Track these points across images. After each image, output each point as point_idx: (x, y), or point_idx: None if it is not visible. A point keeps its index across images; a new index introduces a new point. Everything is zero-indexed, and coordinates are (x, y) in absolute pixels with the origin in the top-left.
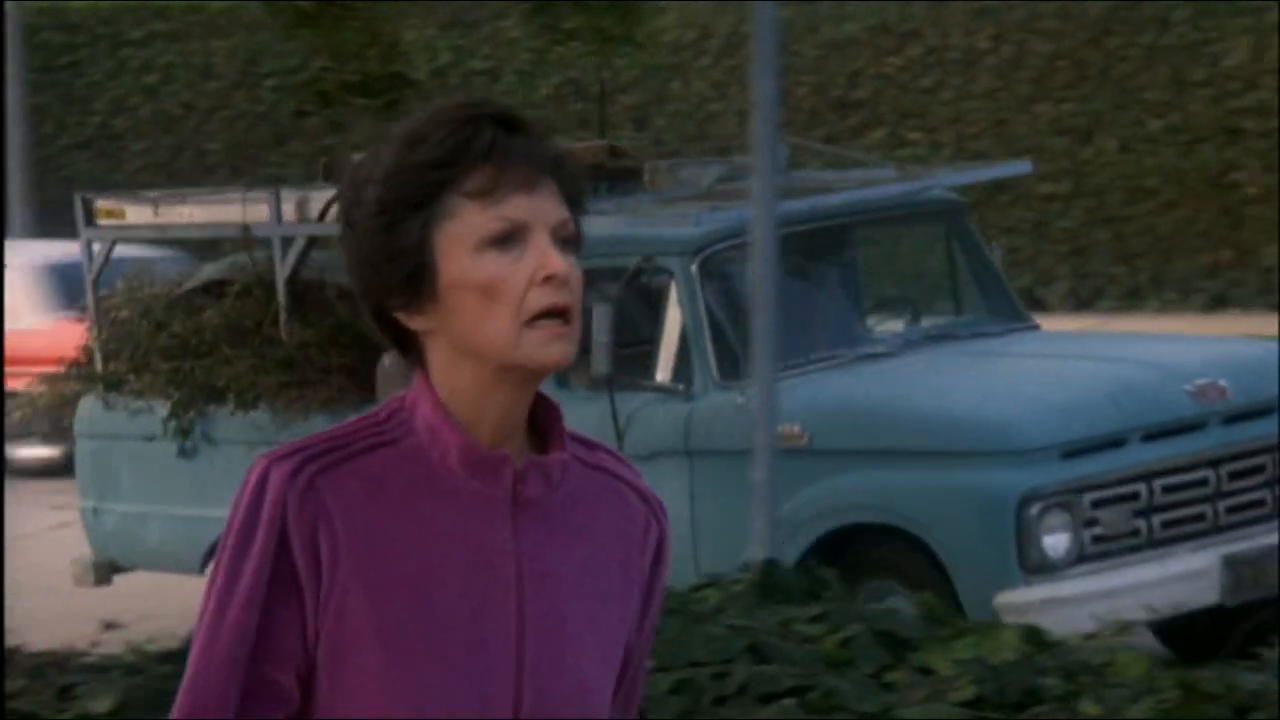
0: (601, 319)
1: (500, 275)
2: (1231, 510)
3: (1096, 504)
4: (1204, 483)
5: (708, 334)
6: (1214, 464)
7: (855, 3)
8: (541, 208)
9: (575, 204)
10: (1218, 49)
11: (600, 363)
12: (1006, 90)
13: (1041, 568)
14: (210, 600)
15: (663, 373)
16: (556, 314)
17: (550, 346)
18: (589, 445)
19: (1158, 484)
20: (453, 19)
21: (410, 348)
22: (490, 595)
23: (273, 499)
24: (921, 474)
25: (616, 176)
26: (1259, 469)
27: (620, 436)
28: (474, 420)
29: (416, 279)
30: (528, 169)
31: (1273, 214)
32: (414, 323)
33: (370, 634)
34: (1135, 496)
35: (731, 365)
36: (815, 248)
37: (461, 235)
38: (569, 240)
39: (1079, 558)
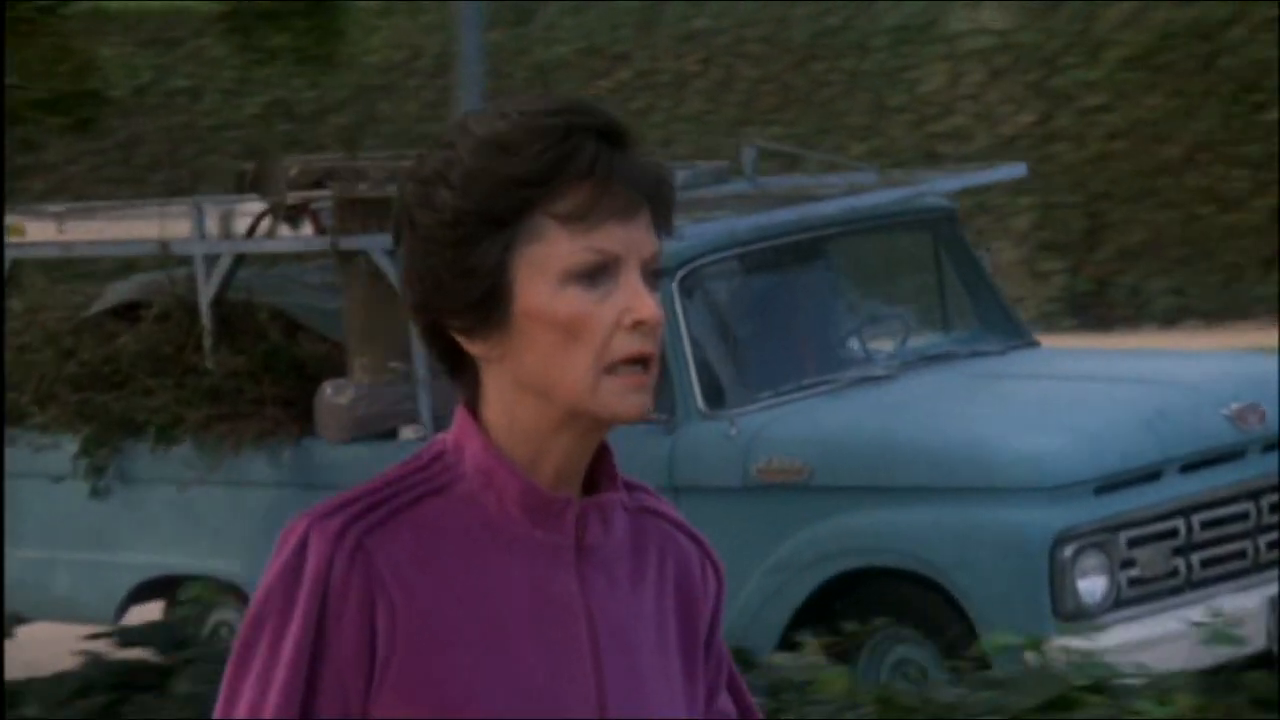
0: None
1: (584, 314)
2: (1273, 546)
3: (1133, 543)
4: (1245, 516)
5: (690, 359)
6: (1255, 496)
7: (565, 25)
8: (636, 239)
9: (665, 231)
10: (915, 75)
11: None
12: (715, 113)
13: (1077, 614)
14: (239, 691)
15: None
16: (638, 361)
17: (629, 398)
18: (629, 485)
19: (1196, 519)
20: (153, 36)
21: (461, 371)
22: (566, 655)
23: (315, 566)
24: (941, 512)
25: None
26: None
27: None
28: (533, 461)
29: (488, 302)
30: (627, 194)
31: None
32: (474, 347)
33: (438, 710)
34: (1174, 534)
35: (717, 393)
36: (801, 260)
37: (545, 263)
38: (655, 274)
39: (1116, 602)
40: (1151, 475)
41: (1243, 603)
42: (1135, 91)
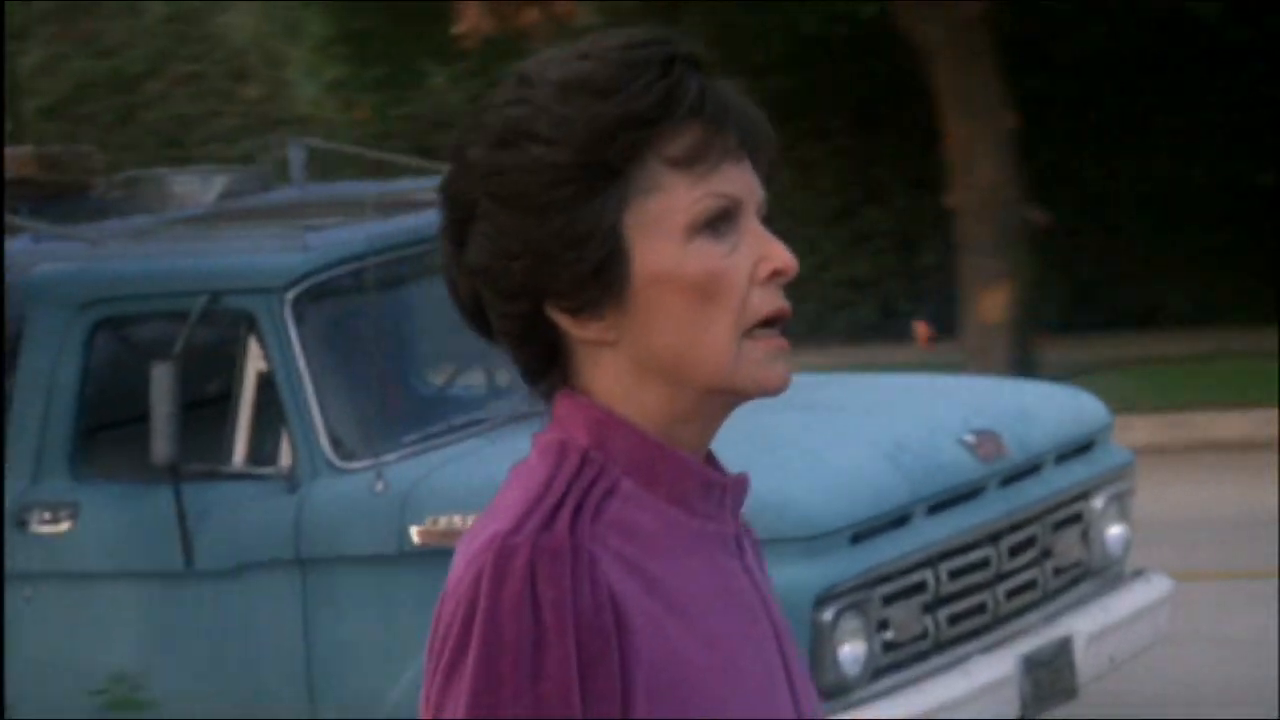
0: (161, 385)
1: (719, 269)
2: (1012, 594)
3: (888, 600)
4: (986, 564)
5: (312, 397)
6: (994, 538)
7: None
8: (750, 181)
9: (768, 178)
10: None
11: (162, 444)
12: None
13: (837, 689)
14: None
15: (248, 454)
16: (773, 322)
17: (775, 366)
18: None
19: (944, 569)
20: None
21: (550, 367)
22: (768, 658)
23: (552, 596)
24: None
25: (55, 194)
26: (1030, 541)
27: (189, 548)
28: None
29: (606, 271)
30: (742, 124)
31: None
32: (587, 330)
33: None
34: (923, 587)
35: (349, 439)
36: (420, 277)
37: (666, 216)
38: (766, 217)
39: (874, 672)
40: (901, 519)
41: (998, 667)
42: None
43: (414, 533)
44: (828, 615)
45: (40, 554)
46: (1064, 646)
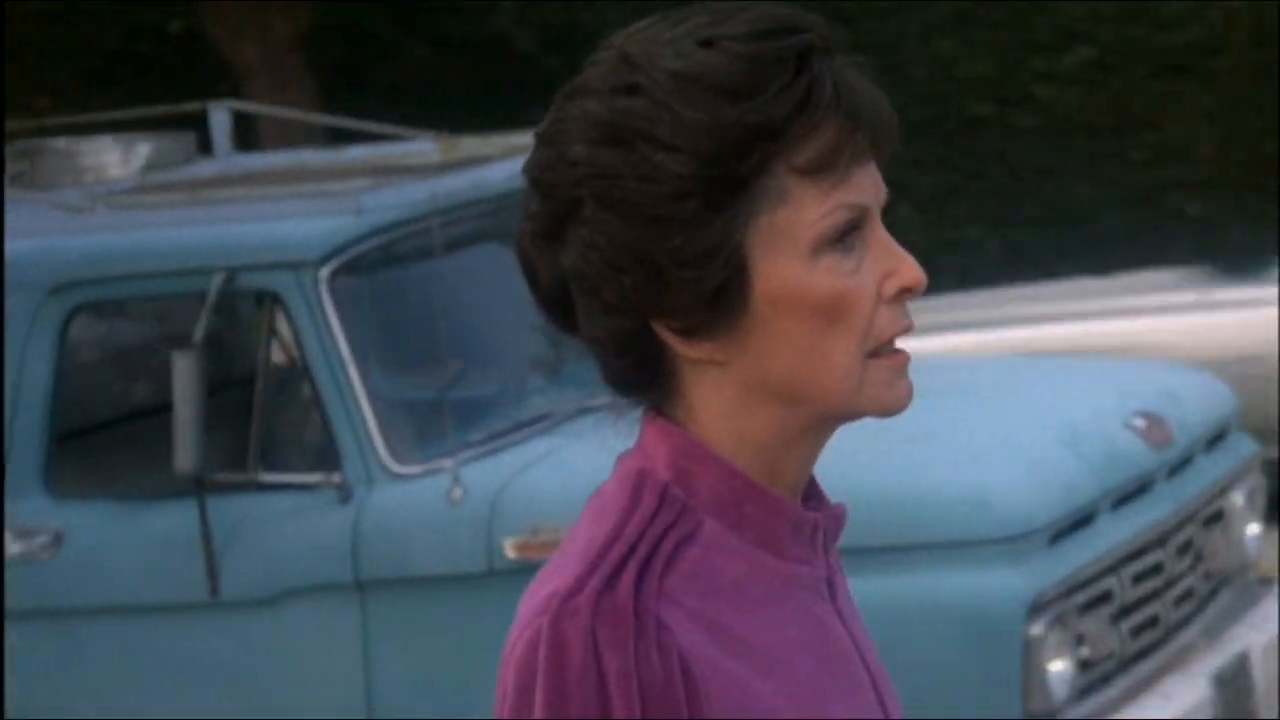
0: (184, 380)
1: (847, 289)
2: (1178, 603)
3: (1082, 611)
4: (1159, 569)
5: (361, 392)
6: (1163, 539)
7: None
8: (877, 185)
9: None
10: None
11: (187, 450)
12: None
13: (1045, 715)
14: None
15: (284, 460)
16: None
17: (898, 385)
18: None
19: (1126, 574)
20: None
21: (647, 382)
22: (864, 707)
23: (617, 665)
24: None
25: None
26: (1189, 543)
27: (214, 575)
28: (768, 483)
29: (726, 292)
30: (874, 123)
31: None
32: (696, 350)
33: None
34: (1109, 596)
35: (409, 439)
36: (475, 246)
37: (793, 231)
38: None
39: (1079, 694)
40: (1088, 516)
41: (1189, 690)
42: None
43: (509, 546)
44: (1038, 629)
45: (16, 589)
46: (1244, 663)
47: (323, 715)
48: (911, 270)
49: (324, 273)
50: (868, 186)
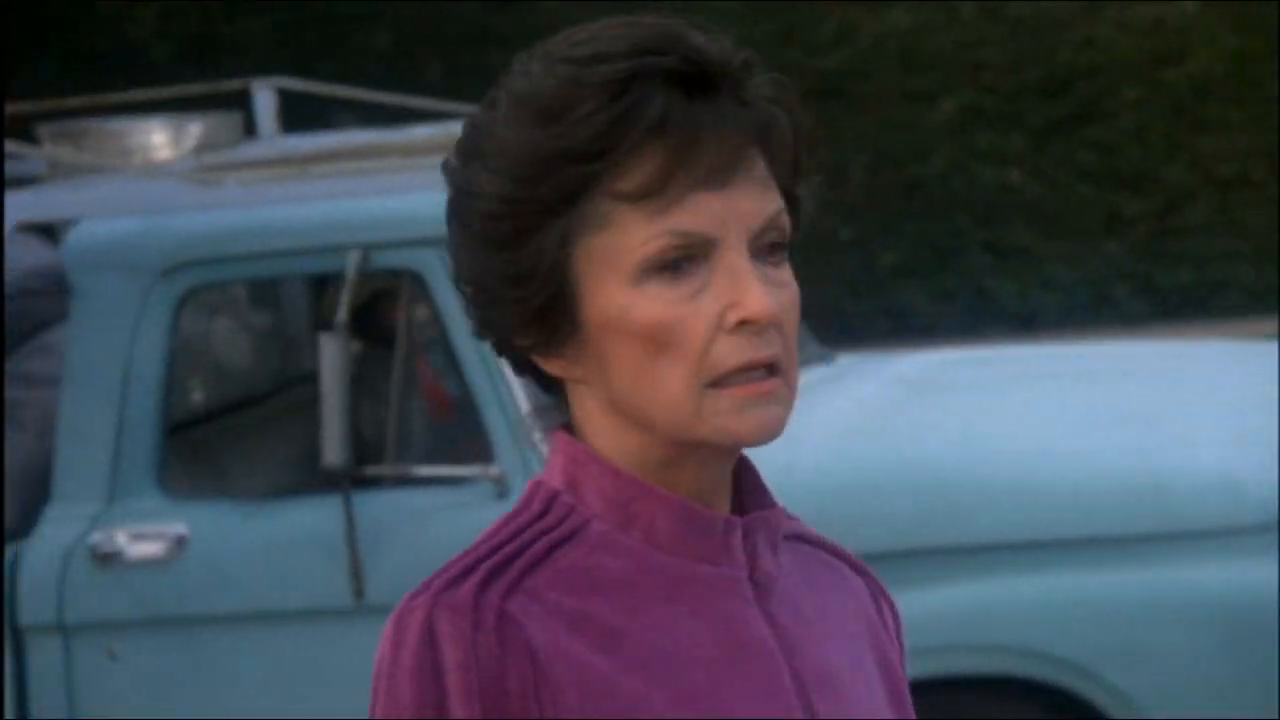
0: (332, 365)
1: (671, 318)
2: None
3: None
4: None
5: (514, 378)
6: None
7: None
8: (738, 208)
9: (794, 179)
10: None
11: (336, 443)
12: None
13: None
14: None
15: (435, 452)
16: (758, 368)
17: (748, 414)
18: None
19: None
20: None
21: (556, 398)
22: (780, 710)
23: (457, 656)
24: (1083, 580)
25: None
26: None
27: (359, 578)
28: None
29: (551, 313)
30: (717, 151)
31: None
32: (551, 367)
33: None
34: None
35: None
36: None
37: (615, 257)
38: (781, 243)
39: None
40: None
41: None
42: None
43: None
44: None
45: (130, 595)
46: None
47: None
48: (754, 302)
49: None
50: (713, 213)
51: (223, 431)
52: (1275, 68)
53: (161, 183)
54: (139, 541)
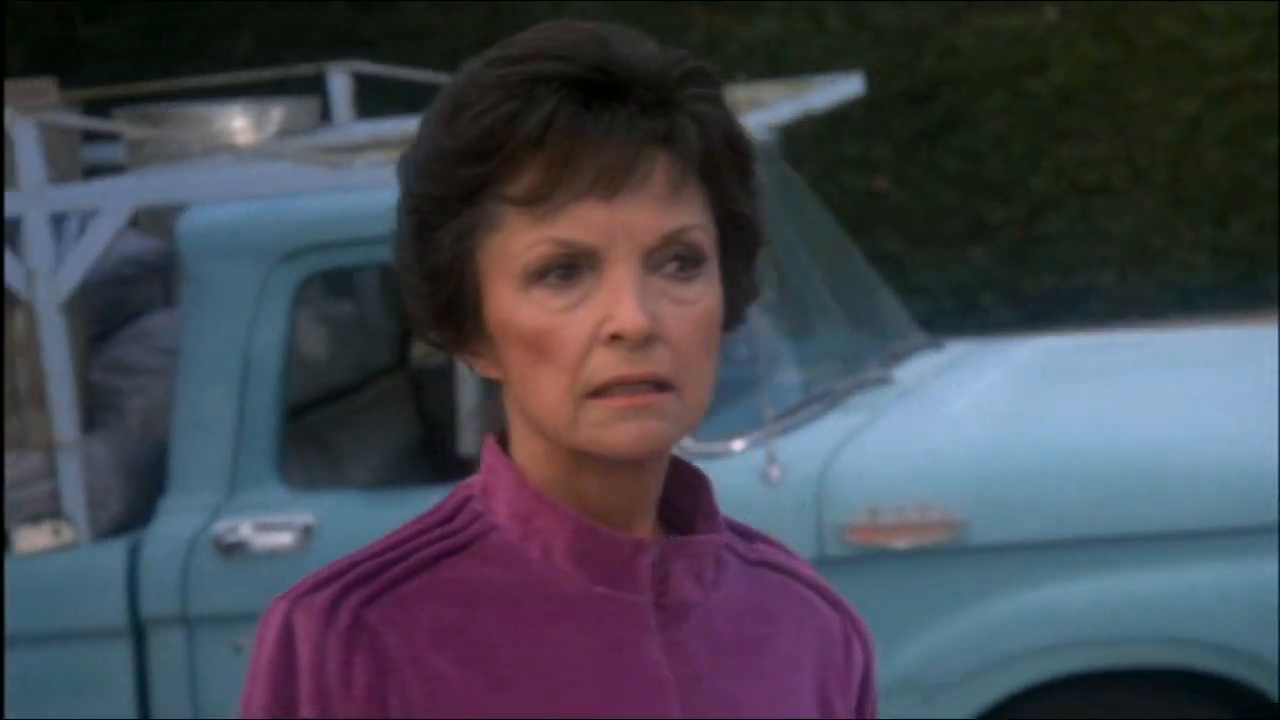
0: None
1: (550, 325)
2: None
3: None
4: None
5: None
6: None
7: None
8: (628, 220)
9: (735, 195)
10: None
11: (473, 431)
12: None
13: None
14: None
15: None
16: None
17: (620, 426)
18: (743, 533)
19: None
20: None
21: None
22: None
23: (308, 658)
24: (1264, 568)
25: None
26: None
27: None
28: (572, 504)
29: (456, 311)
30: (603, 160)
31: None
32: (477, 365)
33: None
34: None
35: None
36: None
37: (505, 260)
38: (690, 259)
39: None
40: None
41: None
42: None
43: (847, 531)
44: None
45: (257, 587)
46: None
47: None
48: (624, 317)
49: None
50: (598, 224)
51: (332, 420)
52: (1135, 76)
53: (275, 165)
54: (265, 532)
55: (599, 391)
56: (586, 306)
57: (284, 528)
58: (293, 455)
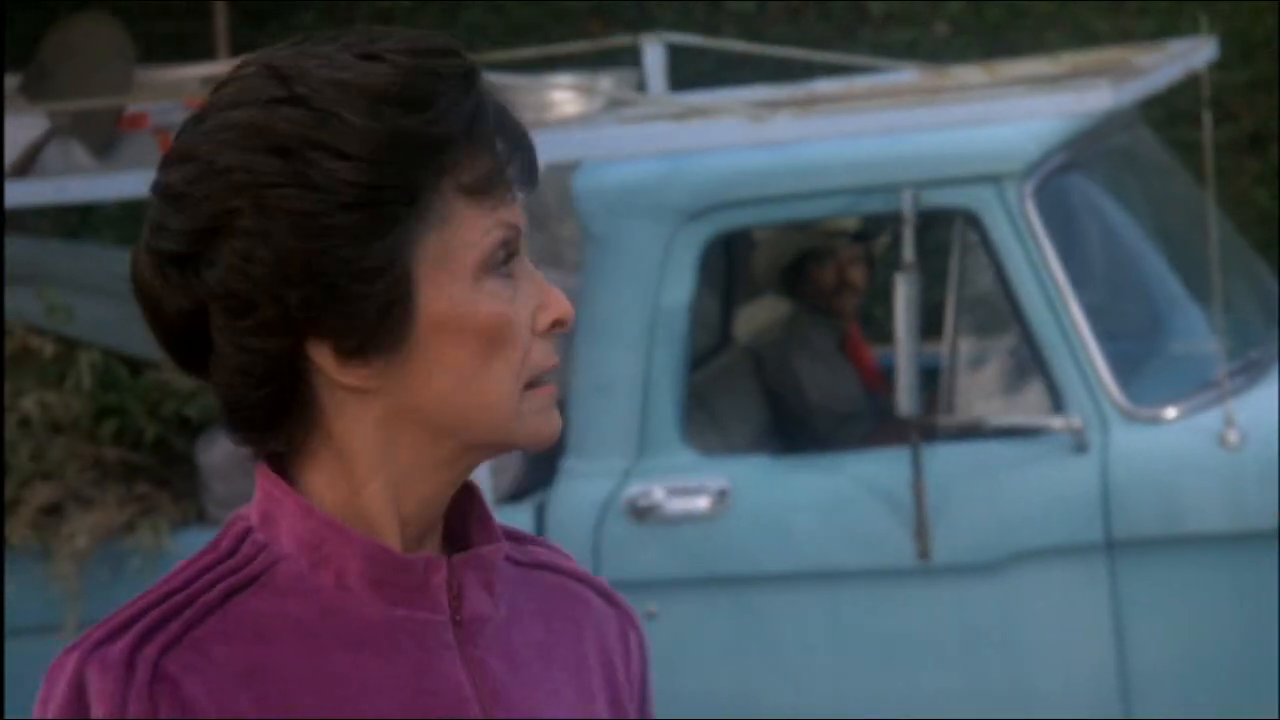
0: (907, 307)
1: (507, 316)
2: None
3: None
4: None
5: (1084, 324)
6: None
7: None
8: (521, 215)
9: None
10: None
11: (910, 391)
12: None
13: None
14: None
15: (1007, 402)
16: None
17: (551, 415)
18: (514, 535)
19: None
20: None
21: (284, 415)
22: None
23: (105, 712)
24: None
25: None
26: None
27: (925, 537)
28: (380, 520)
29: (391, 311)
30: (526, 152)
31: None
32: (349, 376)
33: None
34: None
35: (1145, 373)
36: (1126, 170)
37: (457, 251)
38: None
39: None
40: None
41: None
42: None
43: None
44: None
45: (671, 551)
46: None
47: (1065, 695)
48: (562, 303)
49: (1027, 188)
50: (518, 214)
51: (699, 387)
52: None
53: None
54: (679, 496)
55: (532, 382)
56: (520, 298)
57: (698, 492)
58: (697, 419)
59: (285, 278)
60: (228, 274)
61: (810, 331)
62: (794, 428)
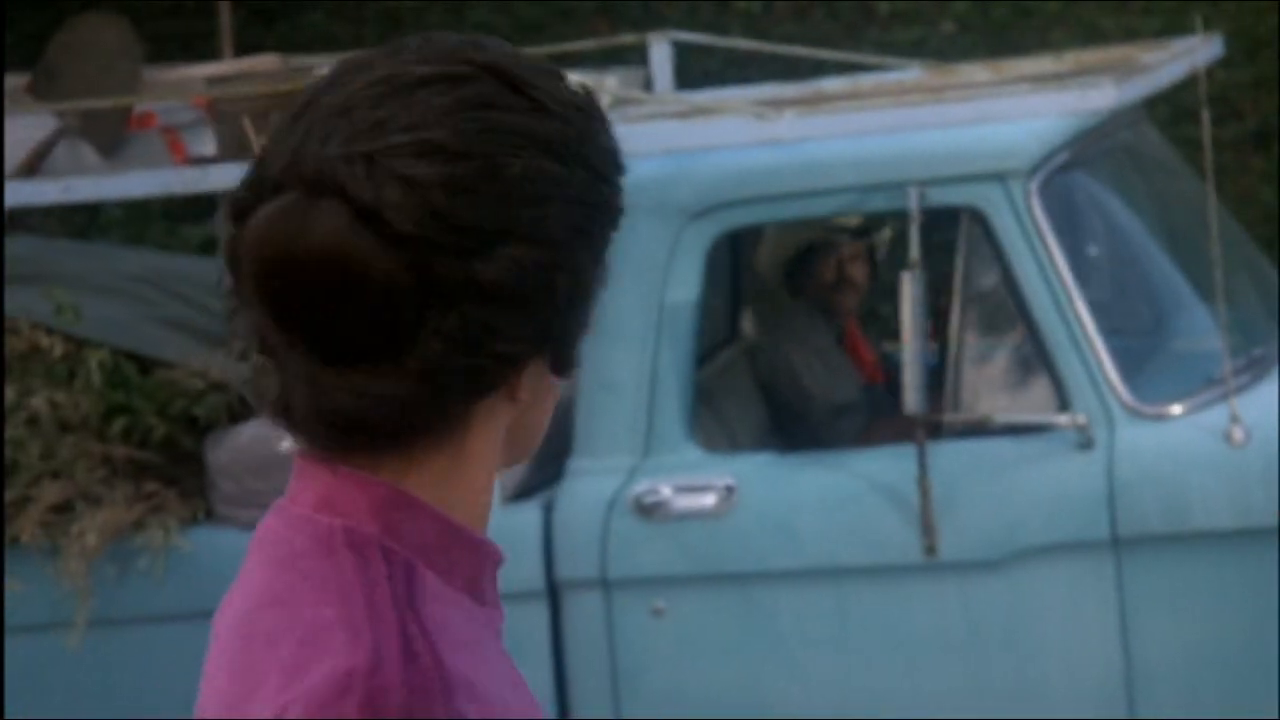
0: (912, 305)
1: None
2: None
3: None
4: None
5: (1089, 321)
6: None
7: None
8: None
9: None
10: None
11: (917, 389)
12: None
13: None
14: None
15: (1013, 399)
16: None
17: None
18: None
19: None
20: None
21: (431, 426)
22: None
23: None
24: None
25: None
26: None
27: (931, 532)
28: (484, 523)
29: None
30: None
31: None
32: (533, 390)
33: None
34: None
35: (1150, 370)
36: (1127, 167)
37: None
38: None
39: None
40: None
41: None
42: None
43: None
44: None
45: (678, 549)
46: None
47: (1071, 691)
48: None
49: (1033, 185)
50: None
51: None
52: None
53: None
54: (685, 494)
55: None
56: None
57: (705, 489)
58: (703, 416)
59: (584, 289)
60: (504, 274)
61: (808, 326)
62: (790, 422)
